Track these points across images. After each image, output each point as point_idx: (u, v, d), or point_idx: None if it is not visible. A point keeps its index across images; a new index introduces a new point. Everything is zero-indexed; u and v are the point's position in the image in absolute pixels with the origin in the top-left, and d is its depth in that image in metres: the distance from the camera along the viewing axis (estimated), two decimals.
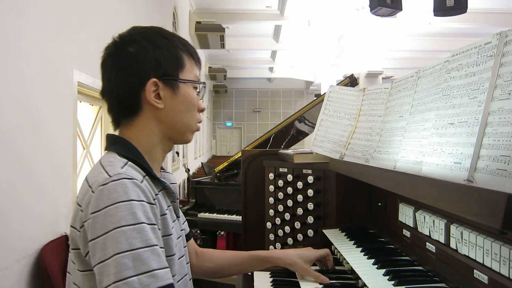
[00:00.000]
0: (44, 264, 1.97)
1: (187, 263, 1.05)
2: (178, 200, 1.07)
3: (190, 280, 1.06)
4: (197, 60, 1.04)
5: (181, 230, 1.07)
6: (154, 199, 0.88)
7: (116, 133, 1.02)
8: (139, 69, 0.94)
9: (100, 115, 3.14)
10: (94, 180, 0.85)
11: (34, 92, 2.02)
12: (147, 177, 0.91)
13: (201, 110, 1.04)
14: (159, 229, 0.86)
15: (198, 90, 1.03)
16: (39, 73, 2.07)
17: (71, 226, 0.88)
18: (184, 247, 1.05)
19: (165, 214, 0.93)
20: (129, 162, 0.90)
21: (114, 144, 0.96)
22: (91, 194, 0.83)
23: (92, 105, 3.04)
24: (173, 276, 0.88)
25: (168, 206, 0.98)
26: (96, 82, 2.77)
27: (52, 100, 2.20)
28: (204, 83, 1.05)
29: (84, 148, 2.85)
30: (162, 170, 1.05)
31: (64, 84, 2.35)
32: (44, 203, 2.12)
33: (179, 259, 0.97)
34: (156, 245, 0.80)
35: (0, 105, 1.75)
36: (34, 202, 2.02)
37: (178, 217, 1.05)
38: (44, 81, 2.11)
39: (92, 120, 3.08)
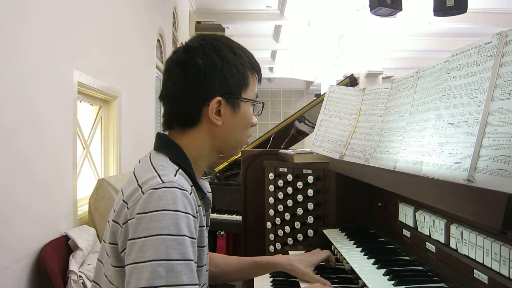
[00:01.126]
0: (44, 264, 1.97)
1: (206, 271, 1.05)
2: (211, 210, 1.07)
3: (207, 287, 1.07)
4: (259, 78, 1.04)
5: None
6: (197, 212, 0.89)
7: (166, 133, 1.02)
8: (206, 84, 0.94)
9: (100, 115, 3.14)
10: (145, 181, 0.85)
11: (34, 92, 2.02)
12: (193, 187, 0.92)
13: (253, 125, 1.05)
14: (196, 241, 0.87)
15: (258, 110, 1.04)
16: (39, 73, 2.07)
17: (113, 221, 0.89)
18: (207, 254, 1.05)
19: (203, 226, 0.95)
20: (180, 170, 0.91)
21: (166, 147, 0.96)
22: (141, 194, 0.83)
23: (92, 105, 3.04)
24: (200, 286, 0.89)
25: (204, 216, 0.98)
26: (96, 82, 2.77)
27: (52, 100, 2.20)
28: (263, 103, 1.06)
29: (84, 148, 2.85)
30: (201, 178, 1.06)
31: (64, 84, 2.34)
32: (44, 203, 2.12)
33: (203, 266, 0.98)
34: (192, 260, 0.81)
35: (0, 105, 1.75)
36: (34, 202, 2.02)
37: (208, 225, 1.06)
38: (44, 81, 2.11)
39: (92, 120, 3.08)
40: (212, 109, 0.94)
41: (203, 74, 0.94)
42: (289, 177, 1.66)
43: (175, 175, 0.87)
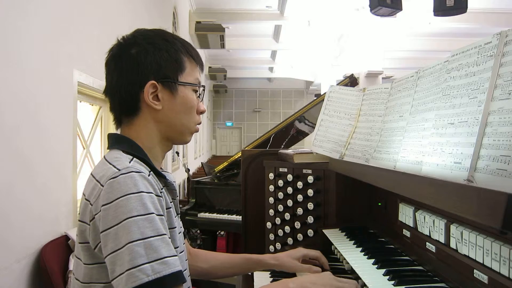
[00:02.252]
0: (44, 264, 1.97)
1: (186, 260, 1.07)
2: (178, 198, 1.08)
3: (189, 276, 1.07)
4: (198, 63, 1.06)
5: (180, 227, 1.08)
6: (160, 192, 0.91)
7: (118, 132, 1.05)
8: (139, 70, 0.97)
9: (100, 115, 3.14)
10: (102, 175, 0.87)
11: (34, 92, 2.02)
12: (152, 172, 0.94)
13: (201, 112, 1.06)
14: (165, 221, 0.89)
15: (198, 93, 1.05)
16: (40, 73, 2.07)
17: (80, 221, 0.90)
18: (183, 243, 1.07)
19: (170, 207, 0.97)
20: (135, 158, 0.92)
21: (117, 142, 0.99)
22: (100, 187, 0.85)
23: (92, 105, 3.04)
24: None
25: (171, 202, 1.00)
26: (96, 82, 2.77)
27: (52, 100, 2.20)
28: (203, 86, 1.07)
29: (84, 148, 2.85)
30: (161, 170, 1.06)
31: (64, 84, 2.35)
32: (44, 203, 2.12)
33: (180, 253, 0.99)
34: (165, 234, 0.83)
35: (0, 104, 1.75)
36: (34, 202, 2.02)
37: (178, 214, 1.07)
38: (44, 81, 2.11)
39: (92, 120, 3.08)
40: (147, 93, 0.96)
41: (136, 61, 0.97)
42: (289, 177, 1.66)
43: (129, 162, 0.90)
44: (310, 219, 1.60)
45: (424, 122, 1.05)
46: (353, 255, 1.21)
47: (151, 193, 0.85)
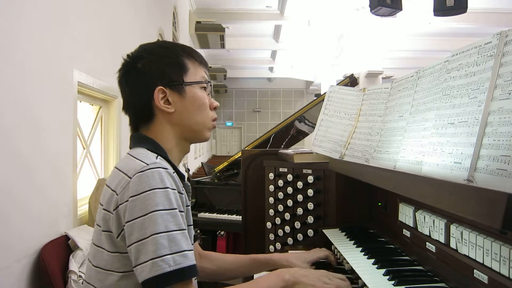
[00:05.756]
0: (44, 264, 1.97)
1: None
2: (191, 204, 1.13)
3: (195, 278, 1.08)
4: (200, 62, 1.11)
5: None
6: (182, 190, 0.98)
7: None
8: (147, 81, 1.04)
9: (100, 115, 3.14)
10: (130, 168, 0.92)
11: (34, 92, 2.02)
12: (175, 172, 0.98)
13: (214, 108, 1.12)
14: (185, 217, 0.95)
15: (208, 91, 1.11)
16: (39, 73, 2.07)
17: (104, 209, 0.94)
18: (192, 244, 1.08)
19: (188, 205, 1.03)
20: (159, 156, 0.98)
21: (141, 142, 1.03)
22: (128, 179, 0.90)
23: (92, 105, 3.04)
24: None
25: (188, 199, 1.06)
26: (96, 82, 2.77)
27: (52, 100, 2.20)
28: (209, 81, 1.12)
29: (84, 148, 2.85)
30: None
31: (64, 84, 2.34)
32: (44, 203, 2.11)
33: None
34: (185, 229, 0.90)
35: (0, 105, 1.75)
36: (34, 202, 2.02)
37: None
38: (44, 81, 2.11)
39: (92, 120, 3.08)
40: (157, 99, 1.02)
41: (142, 73, 1.04)
42: (289, 177, 1.66)
43: (156, 158, 0.95)
44: (310, 219, 1.60)
45: (424, 122, 1.05)
46: (353, 255, 1.21)
47: (175, 189, 0.91)
